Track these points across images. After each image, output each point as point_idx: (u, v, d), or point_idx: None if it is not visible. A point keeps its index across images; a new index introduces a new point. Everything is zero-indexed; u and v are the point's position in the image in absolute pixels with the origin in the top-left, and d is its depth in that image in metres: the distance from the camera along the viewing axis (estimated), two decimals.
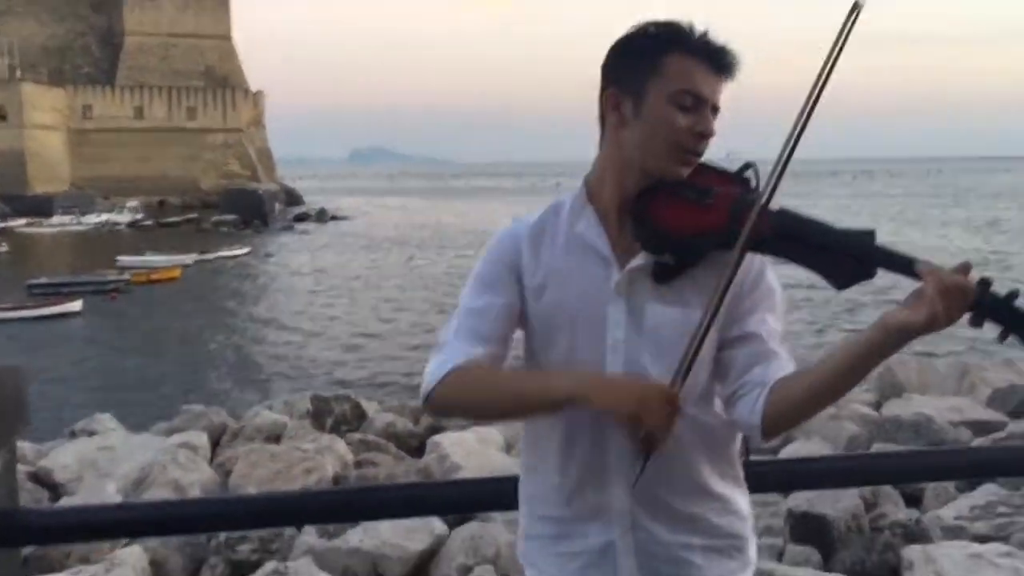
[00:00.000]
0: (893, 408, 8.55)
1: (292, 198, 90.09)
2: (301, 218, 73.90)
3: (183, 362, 22.73)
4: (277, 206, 76.97)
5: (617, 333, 1.48)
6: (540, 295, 1.53)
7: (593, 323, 1.49)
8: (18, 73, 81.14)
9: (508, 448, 8.44)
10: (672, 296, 1.49)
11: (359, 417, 10.03)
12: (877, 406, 8.92)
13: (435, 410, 1.51)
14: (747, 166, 1.52)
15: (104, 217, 67.83)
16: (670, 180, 1.49)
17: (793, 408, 1.43)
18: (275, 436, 9.16)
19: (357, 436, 9.12)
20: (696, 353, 1.38)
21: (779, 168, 1.39)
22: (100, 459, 8.45)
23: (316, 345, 24.46)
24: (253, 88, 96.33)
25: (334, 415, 9.96)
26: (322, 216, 75.21)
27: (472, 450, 8.07)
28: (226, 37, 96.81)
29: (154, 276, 37.82)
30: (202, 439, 8.79)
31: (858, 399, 8.85)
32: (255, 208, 69.16)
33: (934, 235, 53.61)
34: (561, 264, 1.53)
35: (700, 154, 1.50)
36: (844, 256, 1.39)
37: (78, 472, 8.18)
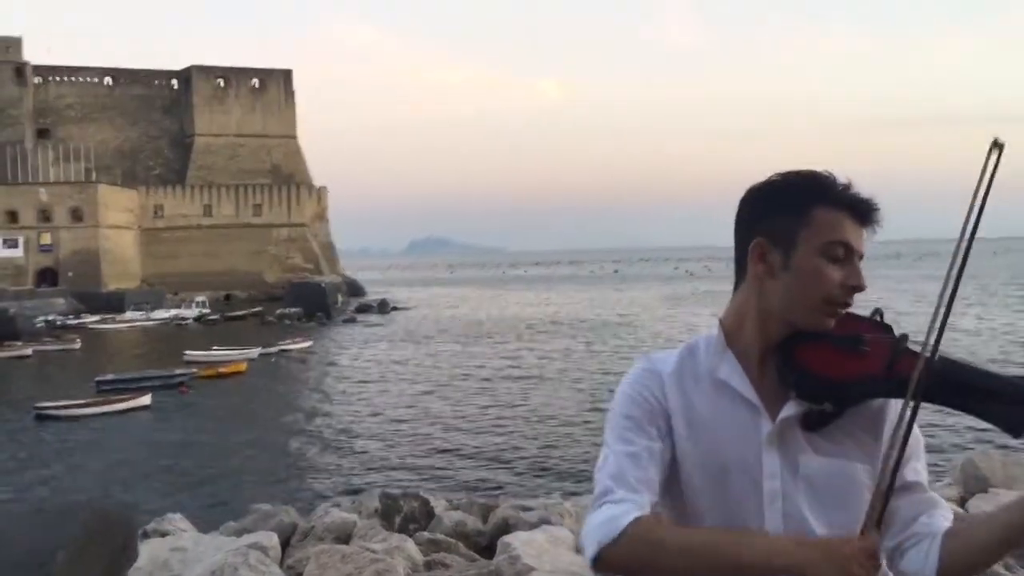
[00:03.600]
0: (980, 504, 8.20)
1: (354, 289, 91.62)
2: (363, 309, 74.84)
3: (251, 458, 22.87)
4: (340, 298, 78.27)
5: (774, 484, 1.44)
6: (690, 440, 1.47)
7: (747, 472, 1.44)
8: (93, 175, 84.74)
9: (579, 548, 8.29)
10: (825, 445, 1.46)
11: (427, 515, 9.93)
12: (962, 502, 8.57)
13: (606, 570, 1.37)
14: (877, 311, 1.51)
15: (173, 312, 69.54)
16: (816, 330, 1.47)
17: (971, 559, 1.39)
18: (345, 536, 9.10)
19: (426, 535, 9.01)
20: (886, 502, 1.35)
21: (943, 316, 1.36)
22: (172, 560, 8.47)
23: (381, 439, 24.41)
24: (317, 184, 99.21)
25: (403, 513, 9.89)
26: (384, 307, 76.06)
27: (543, 549, 7.93)
28: (291, 136, 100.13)
29: (221, 370, 38.48)
30: (272, 540, 8.75)
31: (942, 494, 8.54)
32: (318, 300, 70.29)
33: (1003, 317, 52.23)
34: (709, 410, 1.48)
35: (849, 307, 1.47)
36: (1012, 402, 1.36)
37: (151, 574, 8.22)
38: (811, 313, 1.45)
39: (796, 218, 1.45)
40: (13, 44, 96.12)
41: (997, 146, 1.31)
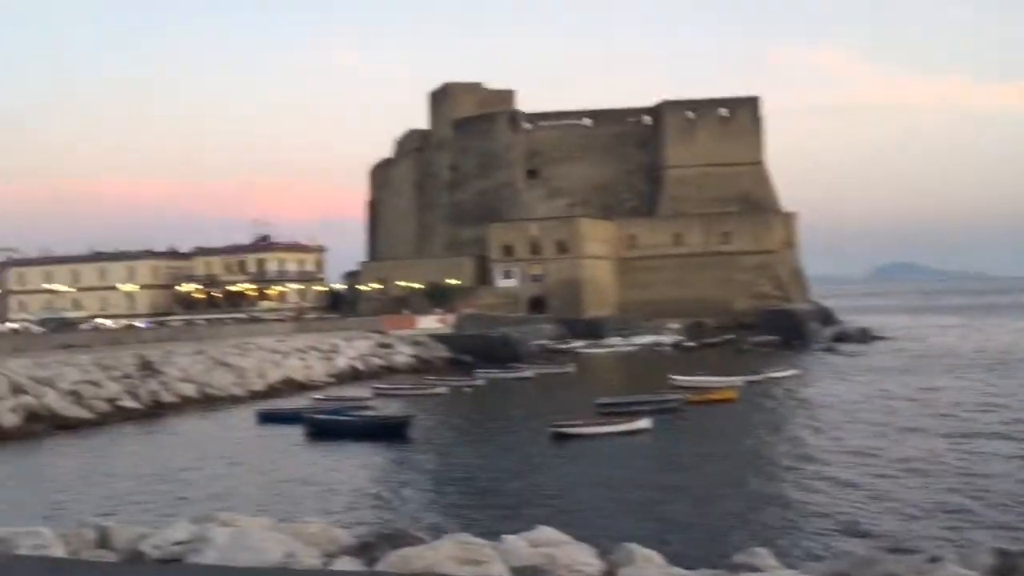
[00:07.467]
0: None
1: (826, 317, 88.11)
2: (841, 338, 71.54)
3: (743, 496, 21.82)
4: (814, 326, 75.55)
5: None
6: None
7: None
8: (576, 210, 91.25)
9: None
10: None
11: None
12: None
13: None
14: None
15: (651, 339, 72.15)
16: None
17: None
18: None
19: None
20: None
21: None
22: None
23: (870, 491, 21.68)
24: (785, 210, 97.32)
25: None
26: (864, 336, 72.10)
27: None
28: (757, 163, 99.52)
29: (711, 396, 38.60)
30: None
31: None
32: (793, 328, 68.59)
33: None
34: None
35: None
36: None
37: None
38: None
39: None
40: (507, 96, 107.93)
41: None
